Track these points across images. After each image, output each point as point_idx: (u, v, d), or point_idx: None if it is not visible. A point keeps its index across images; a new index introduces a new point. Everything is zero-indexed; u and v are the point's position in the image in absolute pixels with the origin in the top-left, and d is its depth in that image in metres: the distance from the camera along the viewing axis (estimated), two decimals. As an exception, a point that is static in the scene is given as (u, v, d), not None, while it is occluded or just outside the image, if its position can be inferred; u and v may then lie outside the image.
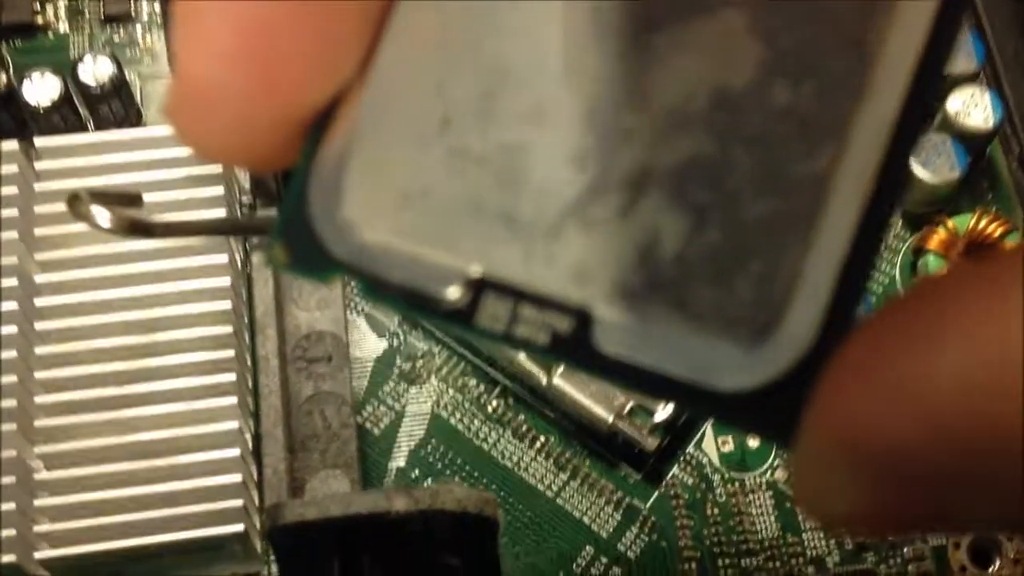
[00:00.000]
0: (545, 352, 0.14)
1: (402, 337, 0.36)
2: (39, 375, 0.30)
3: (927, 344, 0.12)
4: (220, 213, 0.32)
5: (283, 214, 0.15)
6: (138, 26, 0.39)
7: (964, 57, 0.37)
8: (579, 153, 0.14)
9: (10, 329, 0.30)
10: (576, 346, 0.14)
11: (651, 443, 0.33)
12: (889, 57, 0.13)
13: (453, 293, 0.14)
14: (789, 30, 0.13)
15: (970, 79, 0.37)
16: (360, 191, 0.14)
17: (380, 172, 0.14)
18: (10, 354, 0.29)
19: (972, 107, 0.36)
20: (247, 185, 0.36)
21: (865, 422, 0.12)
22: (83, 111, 0.36)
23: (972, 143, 0.36)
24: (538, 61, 0.14)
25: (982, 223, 0.35)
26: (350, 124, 0.14)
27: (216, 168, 0.32)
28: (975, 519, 0.13)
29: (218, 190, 0.32)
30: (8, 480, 0.28)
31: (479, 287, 0.14)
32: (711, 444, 0.35)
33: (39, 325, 0.31)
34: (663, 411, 0.34)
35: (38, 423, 0.30)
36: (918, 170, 0.36)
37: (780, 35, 0.13)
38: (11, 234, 0.31)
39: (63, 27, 0.39)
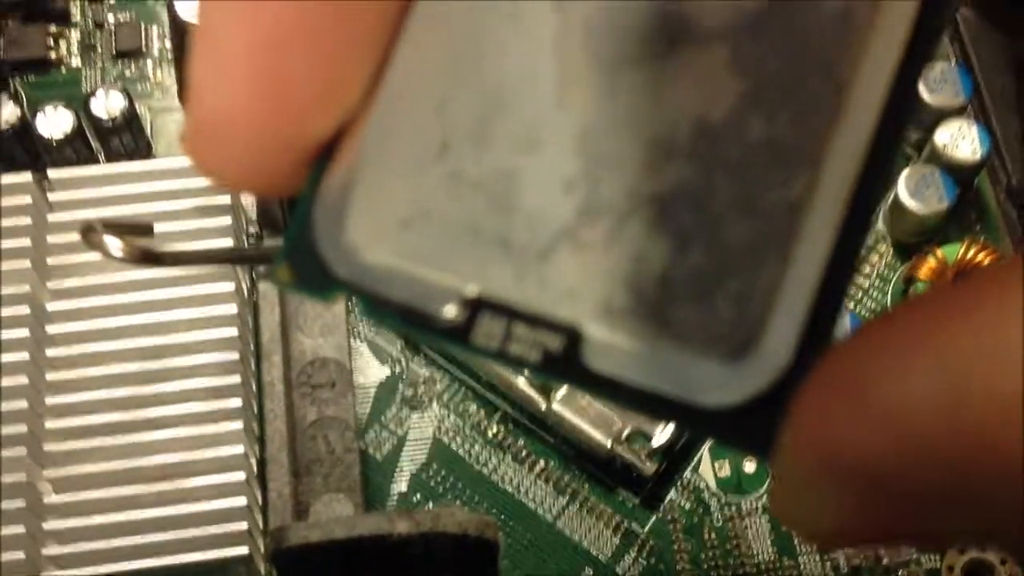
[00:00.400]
0: (537, 369, 0.14)
1: (404, 364, 0.37)
2: (49, 401, 0.31)
3: (900, 362, 0.12)
4: (227, 243, 0.33)
5: (289, 237, 0.15)
6: (149, 61, 0.40)
7: (952, 91, 0.37)
8: (570, 179, 0.15)
9: (22, 356, 0.30)
10: (566, 364, 0.14)
11: (649, 468, 0.34)
12: (862, 86, 0.14)
13: (450, 311, 0.15)
14: (767, 62, 0.14)
15: (958, 112, 0.38)
16: (362, 215, 0.15)
17: (382, 196, 0.15)
18: (21, 380, 0.30)
19: (960, 139, 0.37)
20: (254, 215, 0.36)
21: (840, 439, 0.12)
22: (95, 144, 0.37)
23: (960, 175, 0.37)
24: (532, 88, 0.15)
25: (970, 253, 0.36)
26: (354, 151, 0.15)
27: (224, 199, 0.33)
28: (960, 534, 0.13)
29: (226, 220, 0.33)
30: (18, 504, 0.29)
31: (475, 306, 0.15)
32: (708, 469, 0.35)
33: (50, 352, 0.31)
34: (661, 436, 0.34)
35: (48, 448, 0.30)
36: (908, 201, 0.36)
37: (758, 67, 0.14)
38: (24, 263, 0.31)
39: (76, 62, 0.40)
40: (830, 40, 0.14)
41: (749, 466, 0.35)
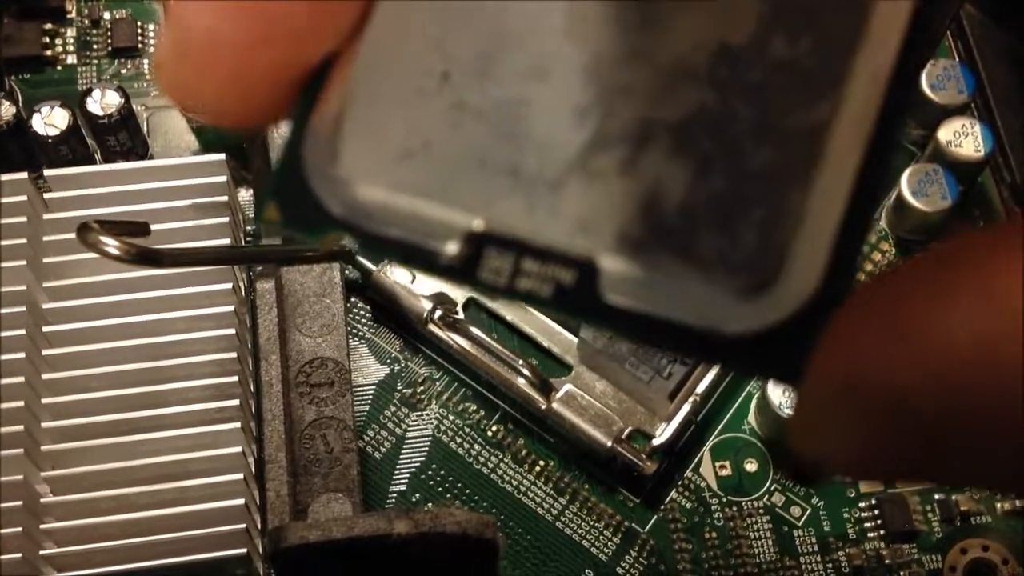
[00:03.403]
0: (548, 304, 0.14)
1: (403, 363, 0.36)
2: (46, 401, 0.30)
3: (942, 297, 0.12)
4: (225, 242, 0.32)
5: (277, 172, 0.14)
6: (145, 59, 0.40)
7: (955, 88, 0.37)
8: (581, 107, 0.14)
9: (18, 355, 0.30)
10: (580, 297, 0.14)
11: (650, 467, 0.34)
12: (884, 9, 0.13)
13: (452, 248, 0.14)
14: None
15: (961, 110, 0.37)
16: (357, 147, 0.14)
17: (378, 128, 0.14)
18: (18, 380, 0.30)
19: (963, 137, 0.37)
20: (252, 213, 0.36)
21: (871, 366, 0.12)
22: (91, 142, 0.37)
23: (963, 172, 0.37)
24: (538, 21, 0.14)
25: (974, 250, 0.36)
26: (346, 81, 0.14)
27: (221, 197, 0.33)
28: (965, 473, 0.13)
29: (223, 219, 0.32)
30: (15, 504, 0.29)
31: (480, 241, 0.14)
32: (709, 469, 0.35)
33: (46, 352, 0.31)
34: (662, 435, 0.34)
35: (45, 448, 0.30)
36: (911, 199, 0.36)
37: None
38: (20, 262, 0.31)
39: (71, 60, 0.40)
40: None
41: (750, 466, 0.35)
